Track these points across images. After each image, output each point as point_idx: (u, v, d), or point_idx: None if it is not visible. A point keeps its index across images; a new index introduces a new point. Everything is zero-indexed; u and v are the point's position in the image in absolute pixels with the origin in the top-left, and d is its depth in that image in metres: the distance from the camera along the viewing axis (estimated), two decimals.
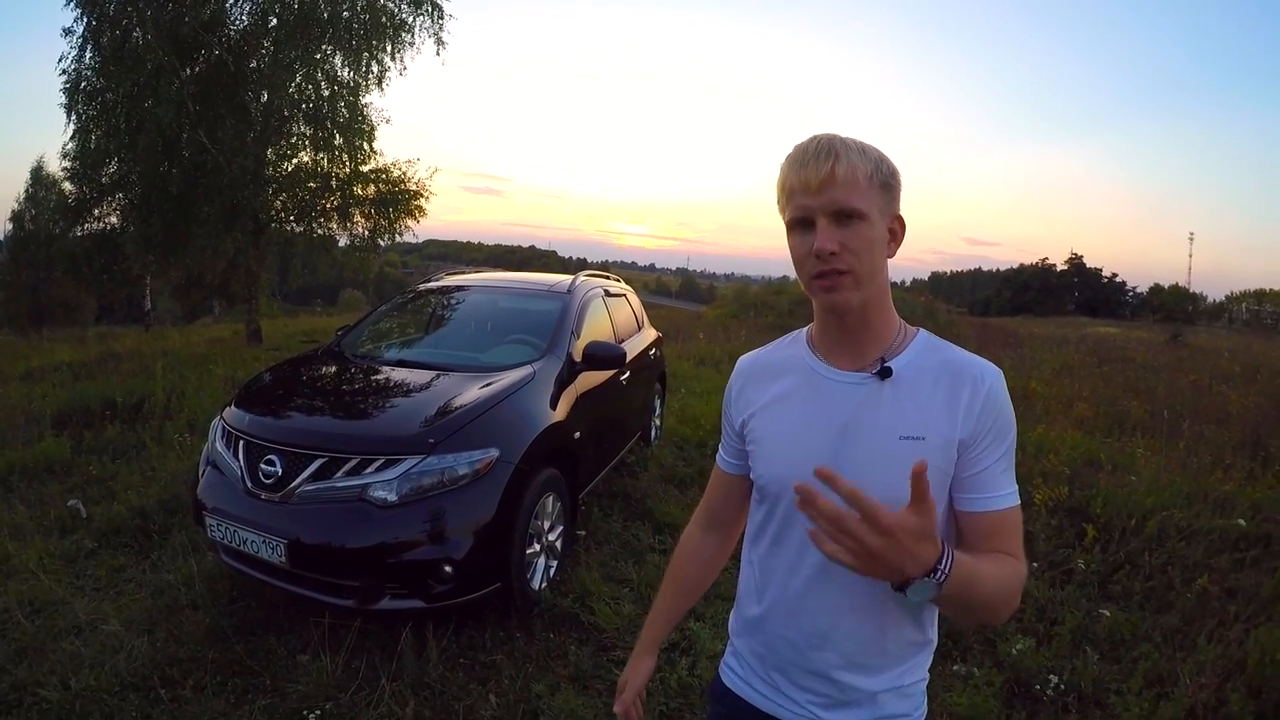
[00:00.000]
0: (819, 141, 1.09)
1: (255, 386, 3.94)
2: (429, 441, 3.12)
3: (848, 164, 1.06)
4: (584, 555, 4.04)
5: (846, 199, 1.06)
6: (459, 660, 3.07)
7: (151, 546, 4.03)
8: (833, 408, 1.17)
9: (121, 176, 12.67)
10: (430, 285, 5.47)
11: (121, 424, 6.17)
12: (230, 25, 12.42)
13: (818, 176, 1.06)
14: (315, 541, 2.97)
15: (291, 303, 39.16)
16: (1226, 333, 32.90)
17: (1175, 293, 64.68)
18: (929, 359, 1.15)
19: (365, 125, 13.43)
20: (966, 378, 1.11)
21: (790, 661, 1.24)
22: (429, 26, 13.50)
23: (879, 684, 1.19)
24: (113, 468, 5.25)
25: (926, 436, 1.10)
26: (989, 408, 1.10)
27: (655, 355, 6.21)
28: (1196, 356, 15.15)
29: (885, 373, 1.14)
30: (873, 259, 1.10)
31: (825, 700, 1.21)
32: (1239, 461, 6.05)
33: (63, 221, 14.24)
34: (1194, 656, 3.19)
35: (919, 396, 1.12)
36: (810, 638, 1.20)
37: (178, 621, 3.25)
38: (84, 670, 2.87)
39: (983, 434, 1.10)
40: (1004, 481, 1.12)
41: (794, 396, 1.23)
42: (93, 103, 12.01)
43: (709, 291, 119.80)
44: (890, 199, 1.11)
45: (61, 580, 3.61)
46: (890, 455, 1.10)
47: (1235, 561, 4.21)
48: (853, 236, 1.07)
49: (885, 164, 1.10)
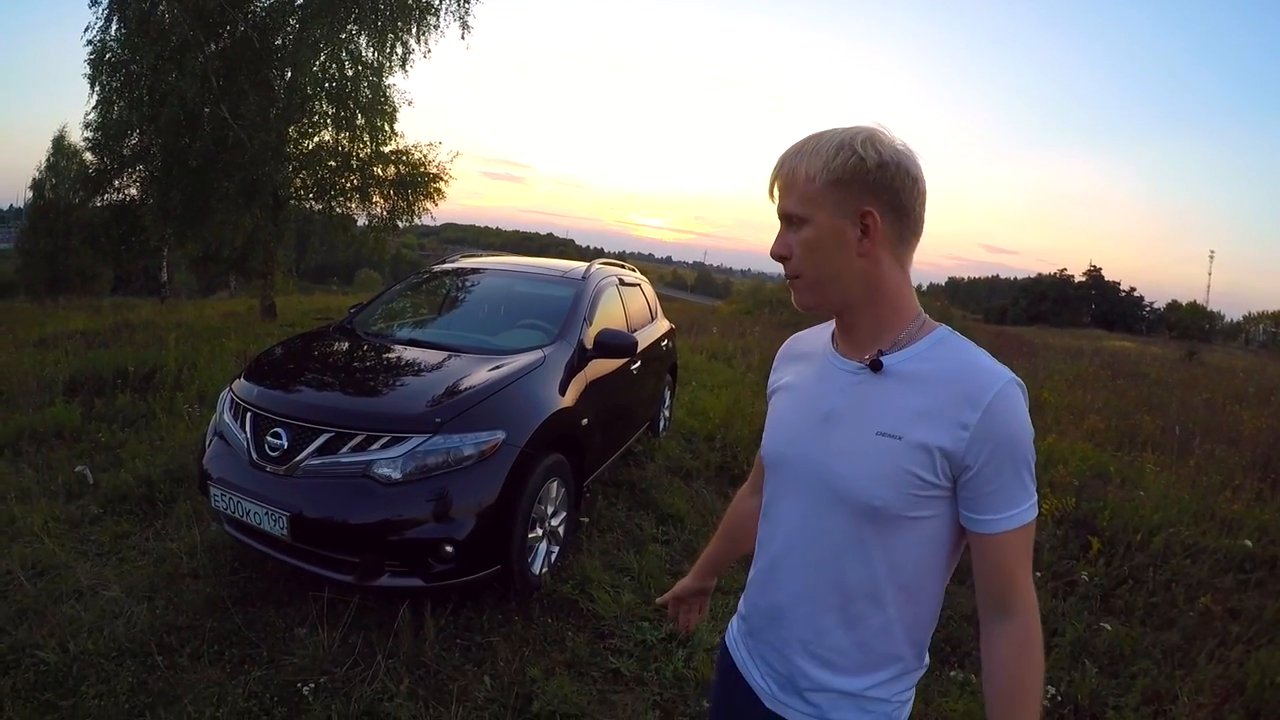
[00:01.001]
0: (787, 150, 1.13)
1: (265, 360, 3.94)
2: (435, 421, 3.12)
3: (790, 169, 1.09)
4: (586, 542, 4.04)
5: (785, 205, 1.11)
6: (455, 640, 3.07)
7: (156, 515, 4.05)
8: (826, 394, 1.18)
9: (143, 149, 12.70)
10: (445, 267, 5.47)
11: (132, 393, 6.18)
12: (256, 1, 12.44)
13: (771, 185, 1.14)
14: (317, 516, 2.97)
15: (307, 280, 39.32)
16: (1243, 353, 32.59)
17: (1193, 310, 64.10)
18: (935, 358, 1.10)
19: (388, 106, 13.47)
20: (968, 387, 1.05)
21: (760, 631, 1.27)
22: (454, 10, 13.48)
23: (834, 682, 1.17)
24: (121, 436, 5.27)
25: (903, 437, 1.07)
26: (988, 422, 1.03)
27: (667, 346, 6.19)
28: (1211, 375, 15.02)
29: (876, 365, 1.12)
30: (817, 262, 1.11)
31: (779, 678, 1.22)
32: (1249, 482, 5.99)
33: (83, 191, 14.35)
34: (1193, 675, 3.17)
35: (908, 395, 1.09)
36: (773, 610, 1.23)
37: (178, 590, 3.27)
38: (82, 634, 2.89)
39: (978, 451, 1.04)
40: (1003, 502, 1.05)
41: (805, 378, 1.25)
42: (117, 74, 12.04)
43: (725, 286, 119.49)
44: (847, 195, 1.07)
45: (65, 544, 3.63)
46: (866, 450, 1.10)
47: (1240, 582, 4.18)
48: (796, 241, 1.12)
49: (842, 158, 1.06)
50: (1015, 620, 1.09)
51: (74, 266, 28.25)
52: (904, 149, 1.08)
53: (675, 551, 4.11)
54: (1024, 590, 1.09)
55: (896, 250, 1.11)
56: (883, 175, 1.06)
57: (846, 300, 1.13)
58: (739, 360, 10.46)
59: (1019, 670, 1.09)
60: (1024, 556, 1.09)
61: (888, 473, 1.08)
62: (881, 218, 1.08)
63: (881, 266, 1.11)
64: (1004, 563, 1.08)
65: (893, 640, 1.16)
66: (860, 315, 1.14)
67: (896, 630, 1.15)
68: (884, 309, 1.13)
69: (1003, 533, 1.06)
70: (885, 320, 1.14)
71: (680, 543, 4.23)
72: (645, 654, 3.12)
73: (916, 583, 1.14)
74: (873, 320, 1.14)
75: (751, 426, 6.28)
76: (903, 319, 1.14)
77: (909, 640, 1.17)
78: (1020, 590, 1.09)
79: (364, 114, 13.05)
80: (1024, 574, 1.09)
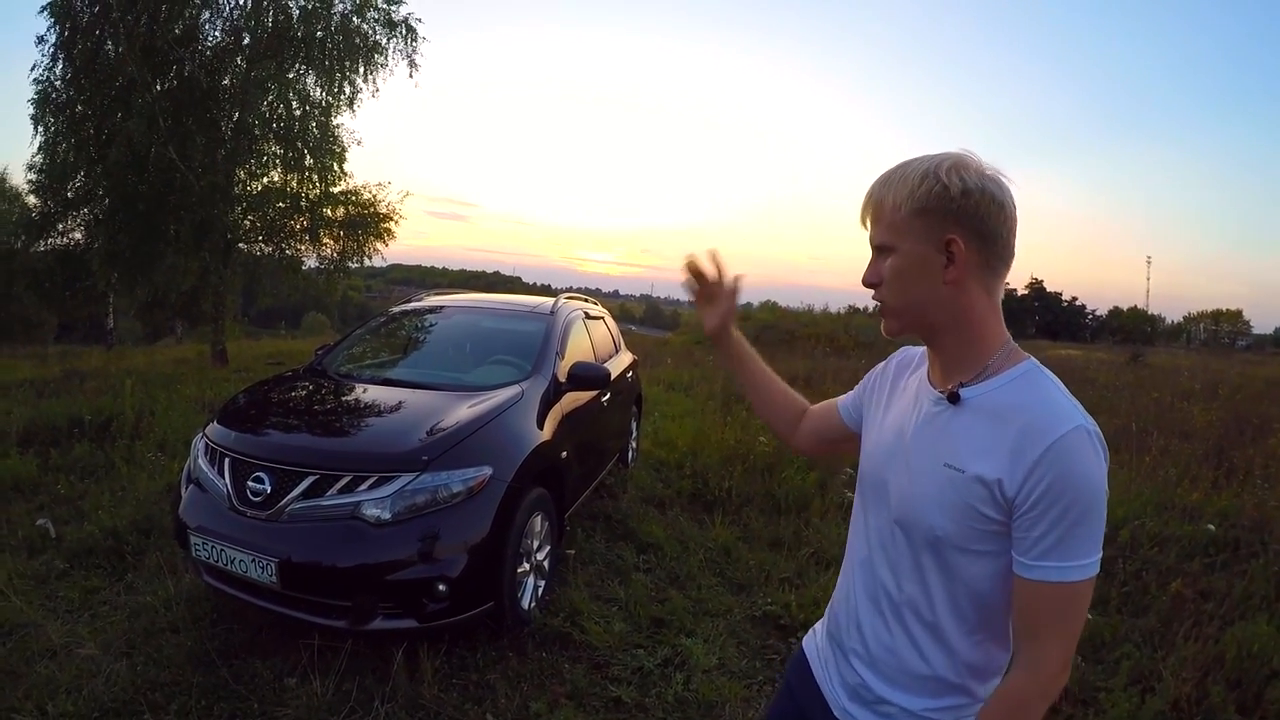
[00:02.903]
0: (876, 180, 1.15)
1: (238, 403, 3.88)
2: (423, 459, 3.09)
3: (878, 199, 1.12)
4: (571, 575, 4.02)
5: (874, 234, 1.14)
6: (453, 681, 3.04)
7: (126, 568, 3.93)
8: (912, 420, 1.20)
9: (88, 190, 12.46)
10: (411, 306, 5.45)
11: (90, 442, 6.00)
12: (203, 41, 12.33)
13: (863, 216, 1.16)
14: (307, 560, 2.92)
15: (255, 325, 38.56)
16: (1185, 352, 33.71)
17: (1134, 315, 66.05)
18: (1012, 393, 1.09)
19: (336, 146, 13.41)
20: (1030, 426, 1.03)
21: (838, 637, 1.30)
22: (402, 49, 13.56)
23: (896, 697, 1.19)
24: (81, 487, 5.11)
25: (965, 470, 1.08)
26: (1047, 465, 1.00)
27: (632, 378, 6.24)
28: (1157, 376, 15.47)
29: (954, 398, 1.14)
30: (903, 289, 1.12)
31: (848, 688, 1.26)
32: (1205, 472, 6.25)
33: (25, 236, 13.93)
34: (1174, 654, 3.31)
35: (978, 429, 1.09)
36: (850, 618, 1.27)
37: (158, 644, 3.17)
38: (60, 695, 2.78)
39: (1034, 492, 1.01)
40: (1059, 552, 1.01)
41: (902, 400, 1.27)
42: (62, 115, 11.82)
43: (674, 318, 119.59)
44: (931, 223, 1.07)
45: (32, 602, 3.50)
46: (934, 480, 1.12)
47: (1206, 565, 4.38)
48: (885, 270, 1.14)
49: (923, 189, 1.06)
50: (1020, 674, 1.07)
51: (17, 314, 27.30)
52: (992, 175, 1.08)
53: (658, 579, 4.12)
54: (1048, 649, 1.05)
55: (984, 278, 1.10)
56: (967, 203, 1.05)
57: (932, 327, 1.15)
58: (697, 389, 10.51)
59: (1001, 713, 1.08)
60: (1056, 616, 1.04)
61: (949, 505, 1.09)
62: (966, 245, 1.07)
63: (969, 295, 1.11)
64: (1033, 612, 1.05)
65: (956, 672, 1.15)
66: (946, 342, 1.15)
67: (959, 663, 1.15)
68: (969, 337, 1.13)
69: (1042, 581, 1.03)
70: (970, 348, 1.14)
71: (662, 570, 4.24)
72: (644, 680, 3.12)
73: (979, 616, 1.13)
74: (957, 348, 1.14)
75: (720, 452, 6.34)
76: (988, 348, 1.13)
77: (974, 675, 1.16)
78: (1043, 645, 1.05)
79: (312, 154, 12.98)
80: (1057, 632, 1.04)
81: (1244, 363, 23.22)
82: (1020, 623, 1.08)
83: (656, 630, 3.53)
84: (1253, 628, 3.41)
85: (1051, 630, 1.04)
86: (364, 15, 13.07)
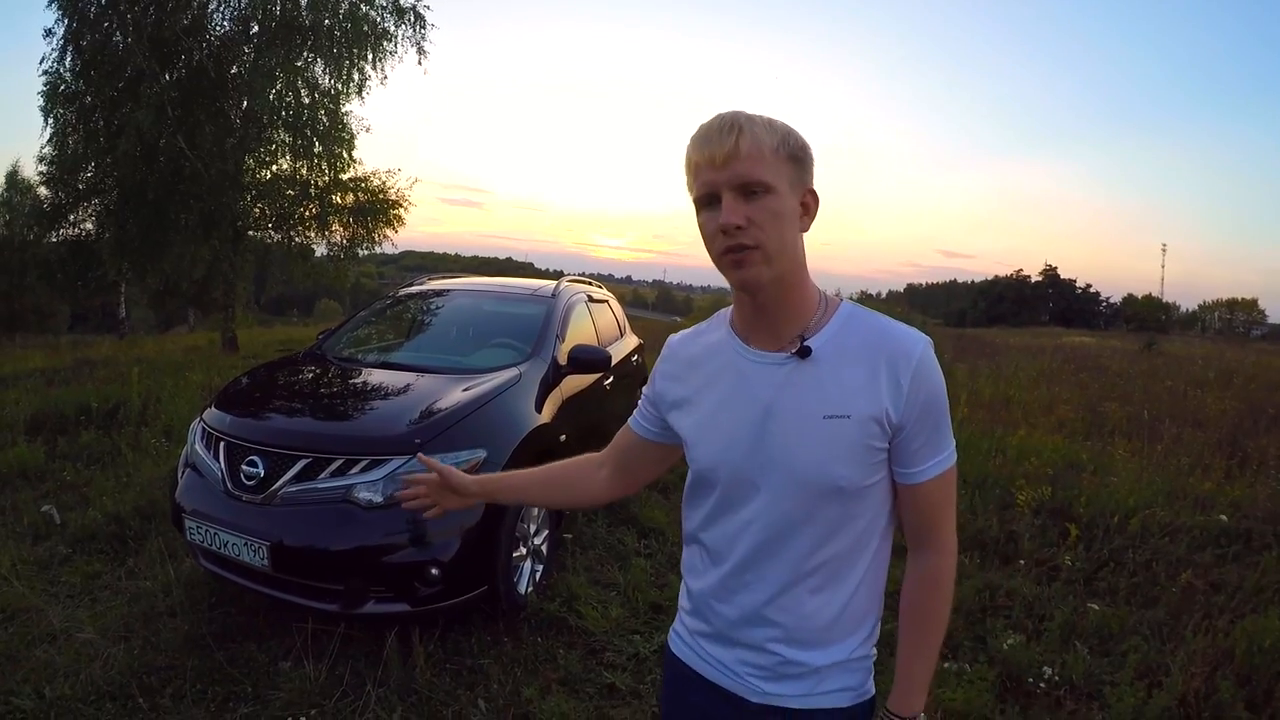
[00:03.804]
0: (723, 118, 1.08)
1: (236, 388, 3.88)
2: (415, 442, 3.07)
3: (752, 137, 1.05)
4: (569, 560, 4.00)
5: (750, 171, 1.05)
6: (446, 665, 3.02)
7: (127, 553, 3.94)
8: (754, 390, 1.16)
9: (98, 181, 12.55)
10: (412, 290, 5.43)
11: (96, 430, 6.05)
12: (211, 30, 12.35)
13: (722, 151, 1.05)
14: (298, 544, 2.91)
15: (267, 312, 38.80)
16: (1200, 341, 33.40)
17: (1148, 302, 65.54)
18: (852, 333, 1.13)
19: (345, 133, 13.43)
20: (893, 353, 1.10)
21: (729, 635, 1.24)
22: (411, 36, 13.54)
23: (822, 659, 1.18)
24: (87, 474, 5.14)
25: (851, 414, 1.09)
26: (918, 384, 1.09)
27: (637, 362, 6.19)
28: (1171, 364, 15.33)
29: (804, 352, 1.12)
30: (781, 232, 1.07)
31: (765, 673, 1.20)
32: (1217, 461, 6.14)
33: (37, 227, 14.06)
34: (1183, 648, 3.22)
35: (841, 374, 1.11)
36: (749, 614, 1.20)
37: (155, 629, 3.18)
38: (59, 679, 2.79)
39: (914, 411, 1.10)
40: (933, 451, 1.13)
41: (718, 383, 1.21)
42: (71, 106, 11.90)
43: (685, 303, 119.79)
44: (801, 172, 1.10)
45: (35, 587, 3.52)
46: (816, 435, 1.11)
47: (1218, 557, 4.28)
48: (759, 210, 1.06)
49: (794, 137, 1.09)
50: (932, 558, 1.19)
51: (30, 304, 27.58)
52: None
53: (659, 564, 4.08)
54: (945, 532, 1.19)
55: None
56: (810, 161, 1.12)
57: (783, 278, 1.11)
58: None
59: (929, 600, 1.20)
60: (948, 499, 1.18)
61: (845, 452, 1.10)
62: (815, 201, 1.13)
63: (801, 250, 1.14)
64: (929, 508, 1.16)
65: (865, 599, 1.20)
66: (788, 296, 1.13)
67: (865, 590, 1.19)
68: (805, 289, 1.16)
69: (930, 479, 1.14)
70: (804, 302, 1.15)
71: (664, 555, 4.21)
72: (639, 667, 3.09)
73: (876, 541, 1.19)
74: (794, 302, 1.14)
75: None
76: (814, 301, 1.16)
77: (874, 595, 1.22)
78: (942, 531, 1.18)
79: (321, 141, 13.00)
80: (947, 516, 1.18)
81: (1259, 352, 22.94)
82: (918, 521, 1.18)
83: (655, 616, 3.50)
84: (1264, 622, 3.30)
85: (944, 515, 1.18)
86: (372, 3, 13.06)
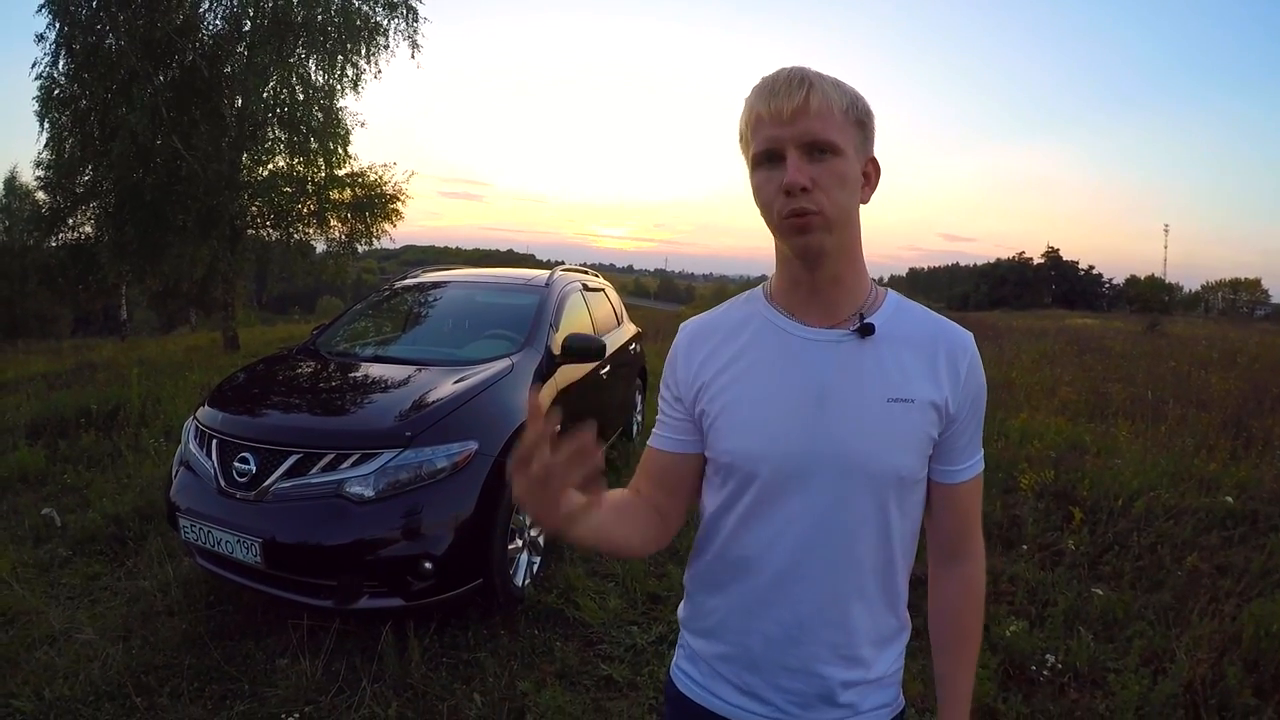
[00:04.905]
0: (791, 71, 0.98)
1: (229, 385, 3.86)
2: (406, 435, 3.05)
3: (822, 94, 0.96)
4: (568, 551, 3.98)
5: (821, 130, 0.95)
6: (442, 659, 3.01)
7: (127, 554, 3.94)
8: (807, 369, 1.03)
9: (95, 184, 12.53)
10: (407, 282, 5.39)
11: (97, 432, 6.06)
12: (203, 30, 12.32)
13: (790, 105, 0.94)
14: (291, 540, 2.90)
15: (269, 310, 38.82)
16: (1203, 321, 33.25)
17: (1151, 284, 65.19)
18: (905, 319, 1.06)
19: (340, 129, 13.41)
20: (951, 343, 1.05)
21: (765, 659, 1.08)
22: (403, 29, 13.48)
23: (864, 674, 1.07)
24: (87, 476, 5.15)
25: (914, 399, 1.01)
26: (973, 376, 1.05)
27: (635, 350, 6.16)
28: (1174, 345, 15.26)
29: (866, 329, 1.03)
30: (846, 199, 0.98)
31: (800, 698, 1.07)
32: (1222, 442, 6.07)
33: (37, 232, 14.06)
34: (1189, 633, 3.16)
35: (902, 357, 1.03)
36: (790, 629, 1.06)
37: (154, 628, 3.18)
38: (58, 680, 2.80)
39: (966, 403, 1.05)
40: (975, 449, 1.10)
41: (758, 359, 1.07)
42: (66, 110, 11.88)
43: (687, 292, 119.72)
44: (865, 138, 1.00)
45: (35, 590, 3.53)
46: (877, 420, 1.00)
47: (1224, 539, 4.23)
48: (825, 172, 0.95)
49: (861, 101, 1.00)
50: (969, 567, 1.14)
51: (31, 310, 27.64)
52: None
53: (659, 555, 4.02)
54: (978, 538, 1.15)
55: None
56: (873, 128, 1.03)
57: (845, 250, 1.03)
58: None
59: (971, 613, 1.14)
60: (977, 503, 1.13)
61: (907, 439, 1.02)
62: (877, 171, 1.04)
63: (859, 222, 1.04)
64: (965, 510, 1.11)
65: (898, 603, 1.11)
66: (846, 268, 1.04)
67: (898, 594, 1.10)
68: (861, 265, 1.07)
69: (970, 479, 1.09)
70: (861, 278, 1.06)
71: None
72: (637, 659, 3.07)
73: (912, 545, 1.11)
74: (852, 276, 1.05)
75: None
76: (868, 279, 1.08)
77: (904, 598, 1.12)
78: (976, 537, 1.14)
79: (317, 138, 12.99)
80: (978, 521, 1.14)
81: (1263, 331, 22.87)
82: (954, 526, 1.12)
83: (652, 607, 3.48)
84: (1271, 605, 3.23)
85: (976, 517, 1.14)
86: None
